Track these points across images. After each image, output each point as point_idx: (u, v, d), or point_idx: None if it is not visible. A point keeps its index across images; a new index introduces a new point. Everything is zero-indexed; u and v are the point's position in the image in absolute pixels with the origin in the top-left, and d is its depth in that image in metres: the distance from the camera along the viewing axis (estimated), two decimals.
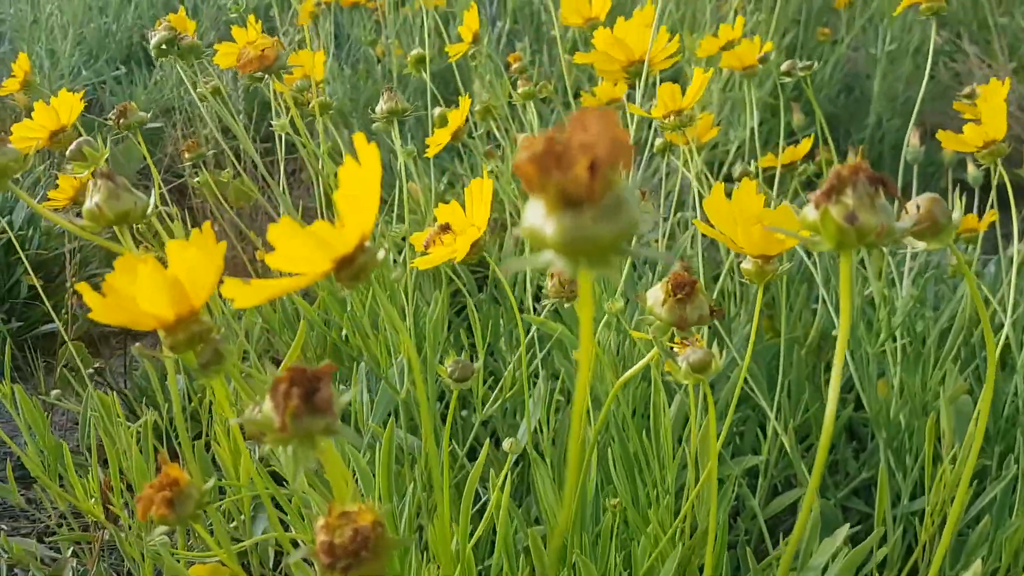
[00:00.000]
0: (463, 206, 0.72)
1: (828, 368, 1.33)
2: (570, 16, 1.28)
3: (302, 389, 0.38)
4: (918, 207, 0.44)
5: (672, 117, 1.02)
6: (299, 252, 0.39)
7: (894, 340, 1.17)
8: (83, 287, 0.46)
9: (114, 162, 1.94)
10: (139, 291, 0.44)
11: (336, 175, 1.56)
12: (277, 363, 1.40)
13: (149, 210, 0.58)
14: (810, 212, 0.38)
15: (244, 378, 0.63)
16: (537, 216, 0.26)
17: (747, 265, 0.61)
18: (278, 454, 0.42)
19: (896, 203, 0.39)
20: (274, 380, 0.39)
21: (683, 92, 1.04)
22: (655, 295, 0.57)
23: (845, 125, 2.37)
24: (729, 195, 0.61)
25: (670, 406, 1.03)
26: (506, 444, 0.75)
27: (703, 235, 1.26)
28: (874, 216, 0.36)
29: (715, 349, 0.58)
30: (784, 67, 1.22)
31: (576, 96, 1.61)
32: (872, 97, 2.31)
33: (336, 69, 2.18)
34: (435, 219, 0.69)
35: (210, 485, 0.49)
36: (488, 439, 1.22)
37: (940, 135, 0.84)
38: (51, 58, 2.06)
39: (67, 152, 0.72)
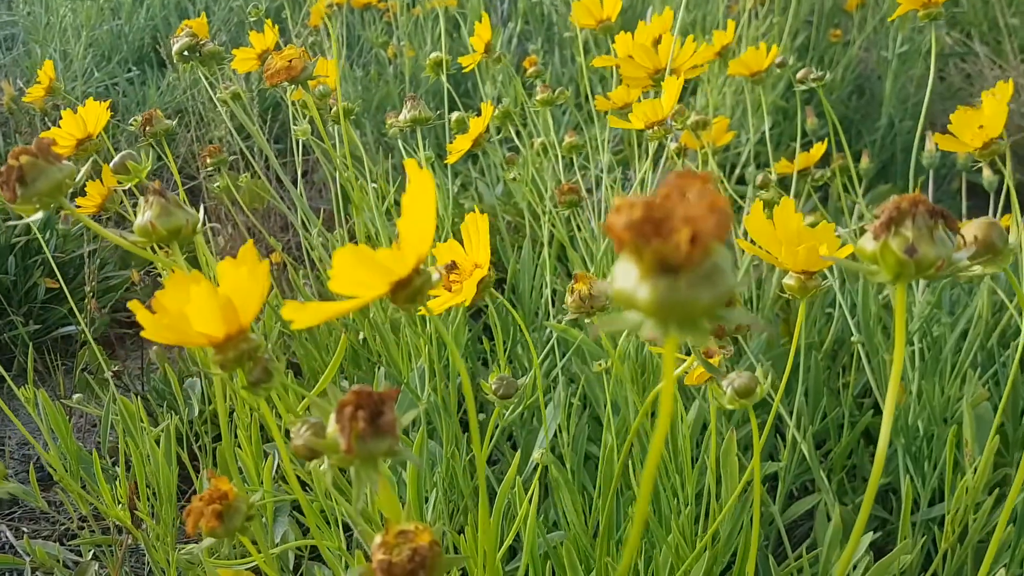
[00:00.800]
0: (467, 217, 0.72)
1: (843, 372, 1.34)
2: (582, 17, 1.28)
3: (368, 412, 0.39)
4: (975, 237, 0.44)
5: (655, 128, 1.03)
6: (360, 277, 0.40)
7: (911, 345, 1.17)
8: (135, 305, 0.47)
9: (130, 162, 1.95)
10: (192, 311, 0.45)
11: (396, 200, 1.56)
12: (294, 368, 1.41)
13: (200, 226, 0.59)
14: (868, 243, 0.38)
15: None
16: (630, 279, 0.26)
17: (790, 281, 0.62)
18: (331, 474, 0.42)
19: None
20: (340, 402, 0.40)
21: (694, 92, 1.04)
22: None
23: (857, 126, 2.37)
24: (765, 207, 0.62)
25: (687, 412, 1.04)
26: (536, 454, 0.75)
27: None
28: (933, 248, 0.36)
29: (760, 373, 0.58)
30: (799, 75, 1.23)
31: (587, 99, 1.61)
32: (883, 99, 2.31)
33: (347, 70, 2.19)
34: (434, 258, 0.68)
35: (257, 498, 0.50)
36: (508, 443, 1.23)
37: (938, 138, 0.84)
38: (64, 60, 2.06)
39: (111, 165, 0.73)
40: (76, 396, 1.18)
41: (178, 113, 2.10)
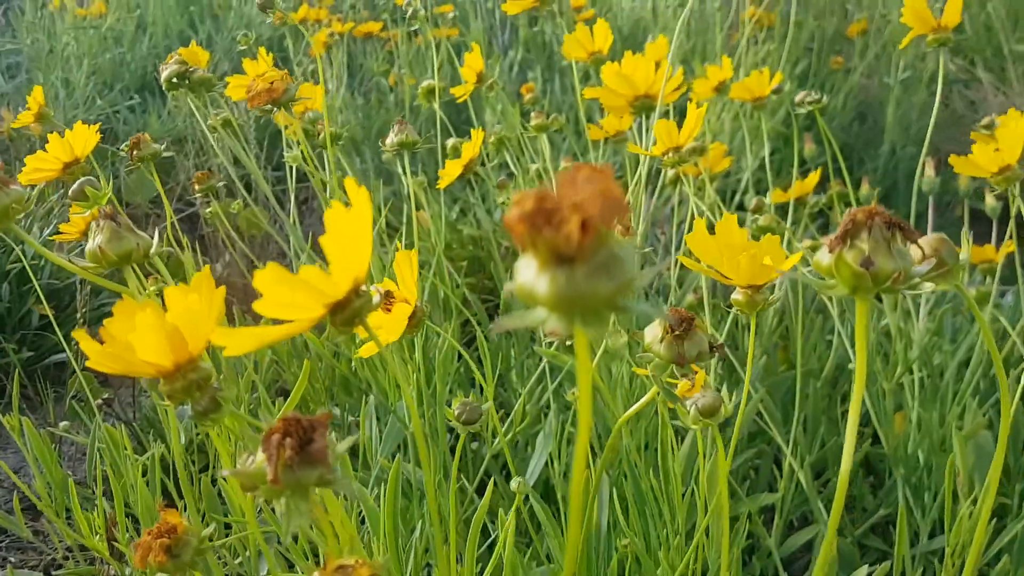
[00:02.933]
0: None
1: (844, 401, 1.31)
2: (573, 51, 1.27)
3: (296, 439, 0.37)
4: (922, 249, 0.43)
5: (671, 154, 1.01)
6: (289, 299, 0.39)
7: (911, 373, 1.15)
8: (80, 334, 0.45)
9: (127, 191, 1.95)
10: (137, 339, 0.44)
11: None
12: (285, 395, 1.39)
13: (152, 250, 0.57)
14: (824, 256, 0.37)
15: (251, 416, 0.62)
16: (529, 273, 0.26)
17: (737, 296, 0.60)
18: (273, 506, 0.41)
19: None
20: (267, 430, 0.39)
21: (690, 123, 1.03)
22: (653, 332, 0.56)
23: (859, 154, 2.36)
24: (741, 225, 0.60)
25: (680, 442, 1.02)
26: (514, 484, 0.73)
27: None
28: (891, 261, 0.35)
29: (724, 392, 0.57)
30: (798, 98, 1.22)
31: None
32: (886, 126, 2.30)
33: (348, 98, 2.19)
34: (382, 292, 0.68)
35: (208, 531, 0.48)
36: (500, 472, 1.21)
37: (953, 160, 0.83)
38: (66, 87, 2.07)
39: (70, 192, 0.72)
40: (63, 424, 1.16)
41: (178, 141, 2.10)
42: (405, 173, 1.04)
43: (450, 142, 1.34)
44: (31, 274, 1.17)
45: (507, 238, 1.63)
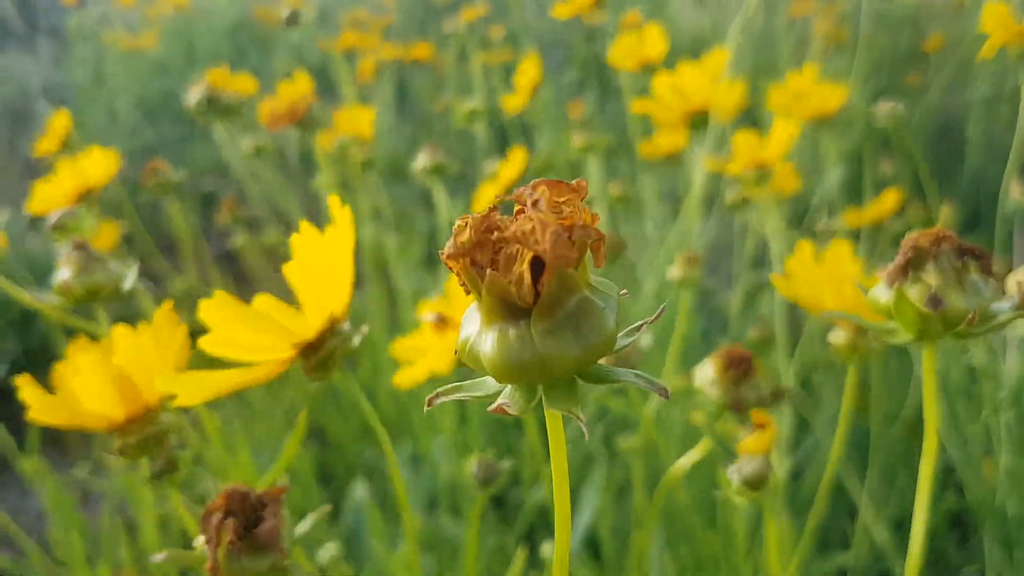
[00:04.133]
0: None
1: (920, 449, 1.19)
2: (621, 59, 1.19)
3: (241, 520, 0.31)
4: (1020, 283, 0.33)
5: (752, 170, 0.91)
6: (248, 337, 0.32)
7: (996, 415, 1.02)
8: (24, 380, 0.39)
9: (172, 223, 1.92)
10: (80, 385, 0.37)
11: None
12: (320, 435, 1.32)
13: (126, 285, 0.51)
14: (881, 293, 0.28)
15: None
16: (471, 326, 0.19)
17: (837, 339, 0.51)
18: None
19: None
20: (206, 508, 0.32)
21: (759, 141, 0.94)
22: (705, 373, 0.47)
23: (938, 176, 2.21)
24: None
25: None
26: (545, 549, 0.64)
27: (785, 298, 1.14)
28: (963, 298, 0.26)
29: (775, 457, 0.47)
30: (881, 110, 1.11)
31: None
32: (967, 145, 2.16)
33: (395, 124, 2.14)
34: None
35: None
36: (546, 526, 1.11)
37: None
38: (112, 119, 2.06)
39: (48, 224, 0.66)
40: (82, 469, 1.11)
41: (224, 173, 2.07)
42: (440, 196, 0.96)
43: (492, 166, 1.26)
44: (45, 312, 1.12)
45: None
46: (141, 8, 2.72)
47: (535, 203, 0.17)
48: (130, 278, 0.52)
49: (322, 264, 0.33)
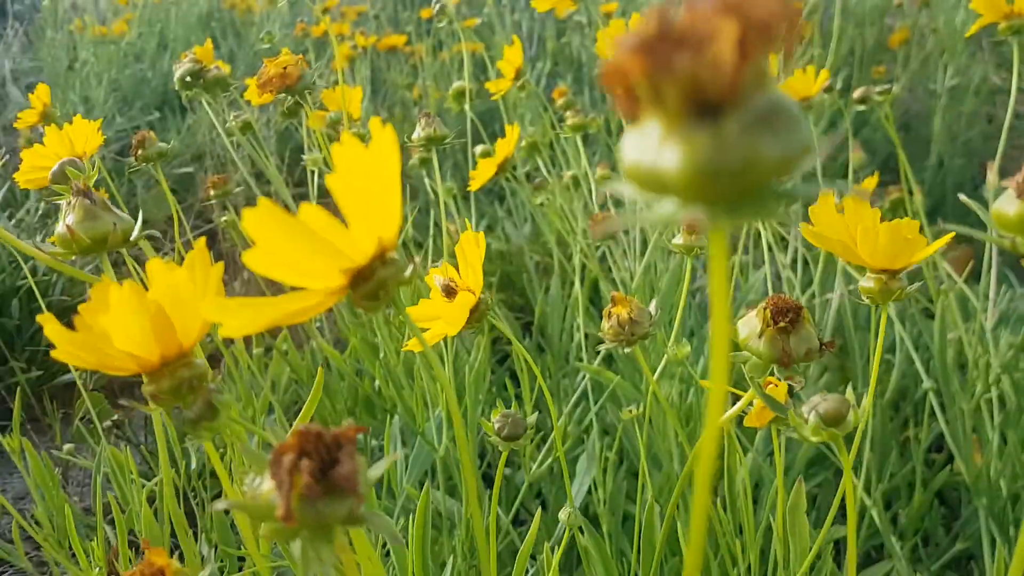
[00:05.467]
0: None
1: (906, 426, 1.21)
2: (607, 48, 1.19)
3: (316, 462, 0.28)
4: None
5: None
6: (295, 255, 0.29)
7: (988, 392, 1.04)
8: (46, 318, 0.36)
9: (144, 208, 1.89)
10: (112, 323, 0.35)
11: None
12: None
13: (134, 234, 0.49)
14: (1009, 205, 0.27)
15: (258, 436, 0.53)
16: (648, 143, 0.17)
17: (868, 283, 0.51)
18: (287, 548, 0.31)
19: None
20: (276, 448, 0.29)
21: None
22: (750, 324, 0.46)
23: (903, 167, 2.25)
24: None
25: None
26: (562, 514, 0.64)
27: (769, 272, 1.15)
28: None
29: (850, 394, 0.47)
30: (857, 94, 1.13)
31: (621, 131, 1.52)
32: (931, 137, 2.20)
33: (372, 112, 2.13)
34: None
35: (206, 573, 0.39)
36: (536, 501, 1.11)
37: None
38: (85, 104, 2.02)
39: (50, 174, 0.64)
40: (67, 447, 1.09)
41: (198, 158, 2.04)
42: (434, 176, 0.96)
43: (479, 148, 1.26)
44: (37, 292, 1.10)
45: (539, 251, 1.54)
46: None
47: None
48: (138, 226, 0.50)
49: (368, 183, 0.30)
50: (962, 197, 0.41)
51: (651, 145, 0.16)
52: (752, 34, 0.15)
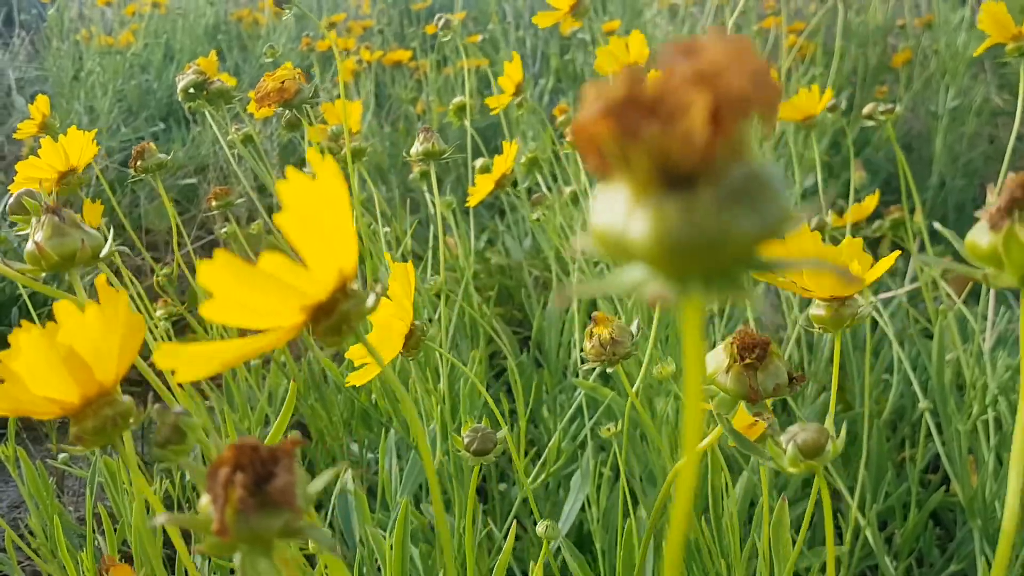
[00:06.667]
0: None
1: (903, 446, 1.20)
2: (607, 64, 1.20)
3: (250, 475, 0.28)
4: None
5: None
6: (252, 301, 0.29)
7: (984, 414, 1.04)
8: None
9: (146, 219, 1.89)
10: (24, 368, 0.34)
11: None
12: (302, 428, 1.31)
13: (104, 251, 0.49)
14: (981, 236, 0.27)
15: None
16: (617, 208, 0.16)
17: (818, 311, 0.51)
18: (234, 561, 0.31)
19: None
20: (212, 463, 0.29)
21: None
22: (717, 359, 0.46)
23: (906, 186, 2.25)
24: None
25: (734, 486, 0.92)
26: (540, 528, 0.64)
27: (762, 295, 1.15)
28: None
29: (829, 424, 0.47)
30: (866, 110, 1.13)
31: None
32: (932, 157, 2.20)
33: (376, 126, 2.14)
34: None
35: None
36: (529, 517, 1.11)
37: None
38: (90, 114, 2.04)
39: (7, 205, 0.64)
40: (62, 456, 1.09)
41: (201, 169, 2.05)
42: (433, 191, 0.96)
43: (478, 162, 1.27)
44: (29, 304, 1.11)
45: (538, 266, 1.54)
46: (118, 7, 2.69)
47: (709, 43, 0.15)
48: (108, 243, 0.50)
49: (320, 216, 0.30)
50: (936, 226, 0.41)
51: (620, 211, 0.16)
52: (727, 107, 0.15)
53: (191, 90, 1.07)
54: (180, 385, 0.70)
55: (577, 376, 1.08)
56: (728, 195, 0.15)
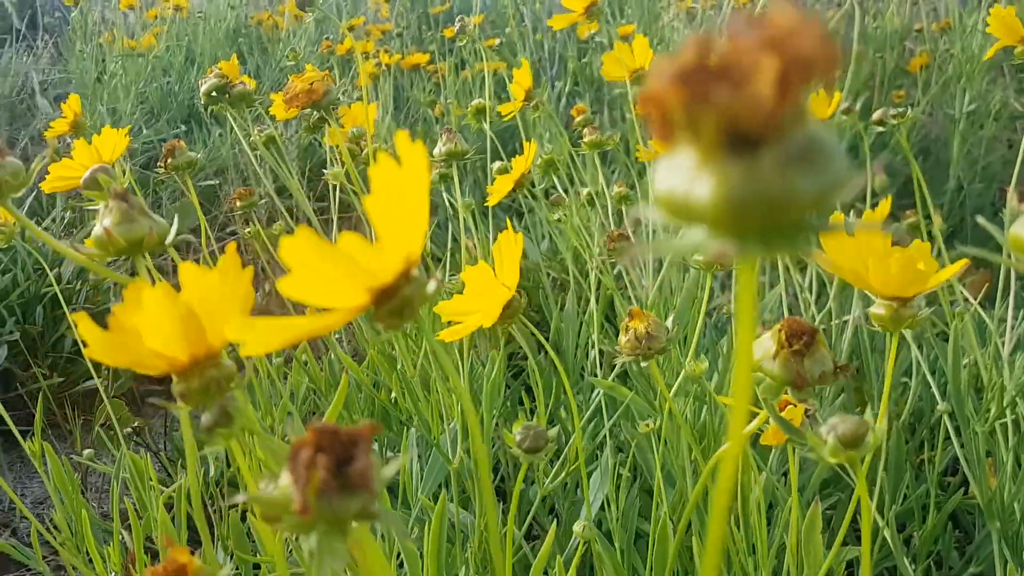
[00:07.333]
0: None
1: (922, 448, 1.20)
2: (613, 70, 1.21)
3: (332, 458, 0.29)
4: None
5: None
6: (325, 279, 0.30)
7: (1003, 417, 1.04)
8: (80, 316, 0.38)
9: (168, 219, 1.91)
10: (144, 322, 0.36)
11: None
12: None
13: (169, 238, 0.50)
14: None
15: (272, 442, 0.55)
16: (682, 172, 0.17)
17: (879, 310, 0.51)
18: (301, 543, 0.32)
19: None
20: (294, 445, 0.30)
21: None
22: (764, 345, 0.47)
23: (920, 190, 2.25)
24: None
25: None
26: (577, 526, 0.65)
27: (784, 295, 1.16)
28: None
29: (868, 416, 0.47)
30: (876, 116, 1.14)
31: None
32: (950, 161, 2.20)
33: (394, 129, 2.15)
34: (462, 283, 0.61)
35: (226, 572, 0.40)
36: (549, 516, 1.12)
37: None
38: (113, 116, 2.06)
39: (81, 180, 0.66)
40: (87, 452, 1.10)
41: (222, 171, 2.07)
42: (455, 192, 0.97)
43: (496, 165, 1.28)
44: (62, 300, 1.12)
45: (555, 268, 1.55)
46: (141, 10, 2.72)
47: (782, 15, 0.16)
48: (173, 230, 0.52)
49: (400, 200, 0.31)
50: (980, 219, 0.42)
51: (684, 174, 0.17)
52: (793, 71, 0.15)
53: (214, 93, 1.08)
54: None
55: (595, 376, 1.09)
56: (790, 157, 0.16)
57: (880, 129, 1.22)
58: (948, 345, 1.01)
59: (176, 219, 0.51)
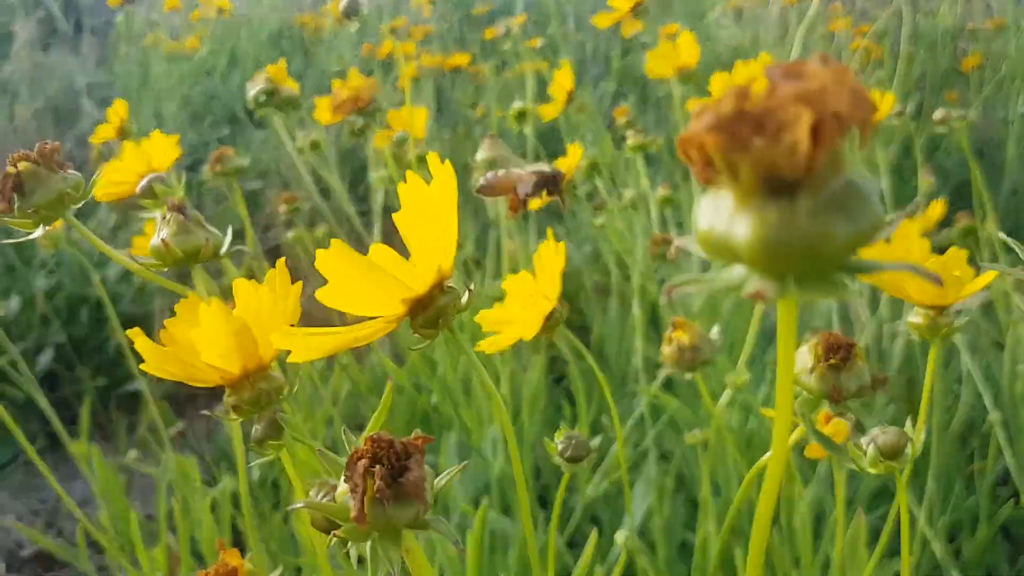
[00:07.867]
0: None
1: (972, 459, 1.17)
2: (658, 67, 1.20)
3: (387, 467, 0.30)
4: None
5: None
6: (361, 290, 0.31)
7: None
8: (136, 333, 0.39)
9: (212, 224, 1.93)
10: (200, 337, 0.37)
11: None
12: (361, 430, 1.32)
13: (224, 249, 0.51)
14: None
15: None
16: (721, 212, 0.18)
17: (916, 319, 0.50)
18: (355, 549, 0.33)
19: None
20: (351, 454, 0.31)
21: None
22: (802, 359, 0.47)
23: (977, 193, 2.20)
24: None
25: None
26: (619, 536, 0.64)
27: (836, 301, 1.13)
28: None
29: (909, 427, 0.47)
30: (937, 116, 1.11)
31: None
32: (1004, 164, 2.14)
33: (435, 131, 2.15)
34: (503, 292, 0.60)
35: (277, 574, 0.41)
36: (591, 524, 1.11)
37: None
38: (157, 119, 2.09)
39: (138, 189, 0.67)
40: (132, 454, 1.11)
41: (264, 175, 2.09)
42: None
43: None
44: (107, 301, 1.14)
45: (599, 272, 1.54)
46: (185, 12, 2.76)
47: (812, 67, 0.17)
48: (227, 242, 0.52)
49: (430, 216, 0.32)
50: (1002, 236, 0.41)
51: (724, 215, 0.17)
52: (828, 123, 0.16)
53: (262, 97, 1.09)
54: None
55: (638, 383, 1.08)
56: (826, 203, 0.17)
57: (936, 129, 1.19)
58: (1004, 354, 0.98)
59: (229, 231, 0.52)
